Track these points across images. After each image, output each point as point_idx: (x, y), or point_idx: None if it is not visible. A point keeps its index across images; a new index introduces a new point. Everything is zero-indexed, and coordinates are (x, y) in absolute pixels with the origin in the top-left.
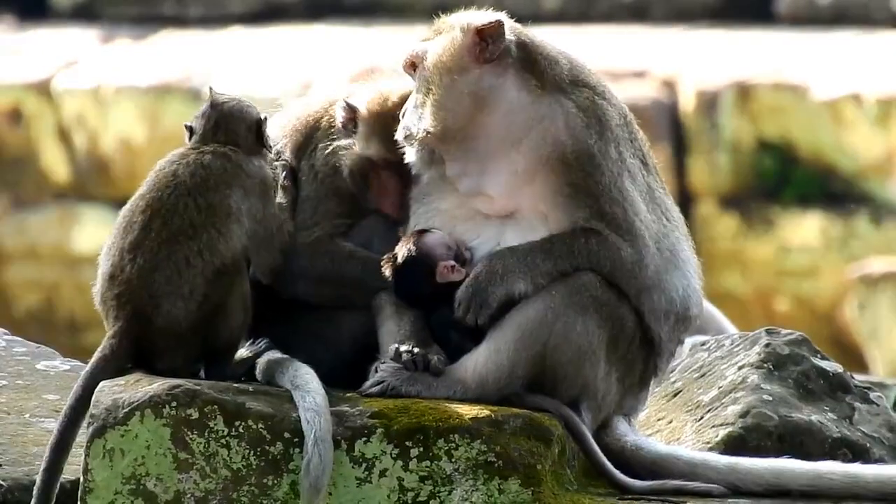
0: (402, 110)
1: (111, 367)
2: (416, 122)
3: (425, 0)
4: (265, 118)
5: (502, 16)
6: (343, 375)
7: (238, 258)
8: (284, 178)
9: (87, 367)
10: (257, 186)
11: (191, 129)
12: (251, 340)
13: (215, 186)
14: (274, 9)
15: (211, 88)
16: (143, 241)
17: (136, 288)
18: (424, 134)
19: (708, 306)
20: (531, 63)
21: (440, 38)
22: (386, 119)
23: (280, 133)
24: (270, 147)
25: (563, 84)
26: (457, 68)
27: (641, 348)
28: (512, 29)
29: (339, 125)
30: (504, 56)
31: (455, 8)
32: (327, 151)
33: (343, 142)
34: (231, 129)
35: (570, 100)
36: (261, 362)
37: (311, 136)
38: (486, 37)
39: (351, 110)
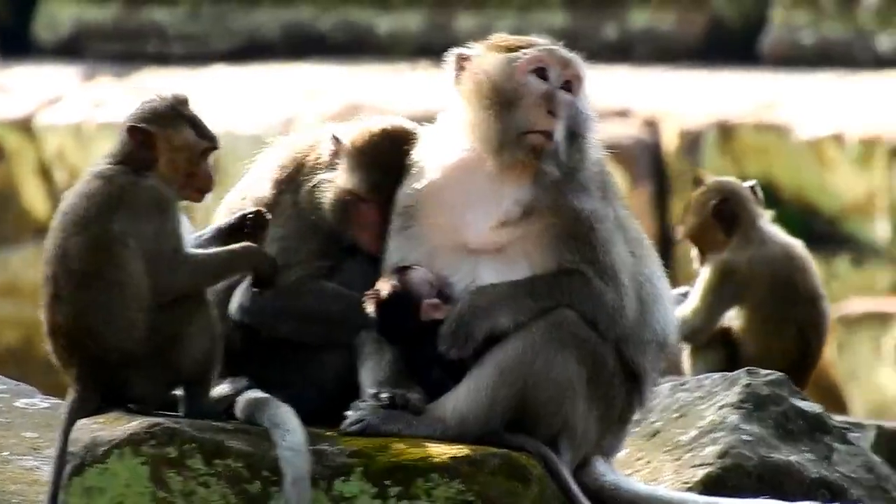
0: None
1: (85, 409)
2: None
3: (409, 39)
4: (131, 127)
5: None
6: (326, 413)
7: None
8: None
9: (64, 414)
10: (146, 205)
11: None
12: (231, 377)
13: (97, 217)
14: (257, 47)
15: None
16: (61, 293)
17: (76, 336)
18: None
19: None
20: None
21: None
22: (369, 152)
23: (265, 168)
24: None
25: None
26: None
27: (623, 384)
28: None
29: (327, 158)
30: None
31: (437, 48)
32: (311, 188)
33: (327, 176)
34: (119, 141)
35: None
36: (240, 400)
37: (296, 172)
38: None
39: (337, 142)
